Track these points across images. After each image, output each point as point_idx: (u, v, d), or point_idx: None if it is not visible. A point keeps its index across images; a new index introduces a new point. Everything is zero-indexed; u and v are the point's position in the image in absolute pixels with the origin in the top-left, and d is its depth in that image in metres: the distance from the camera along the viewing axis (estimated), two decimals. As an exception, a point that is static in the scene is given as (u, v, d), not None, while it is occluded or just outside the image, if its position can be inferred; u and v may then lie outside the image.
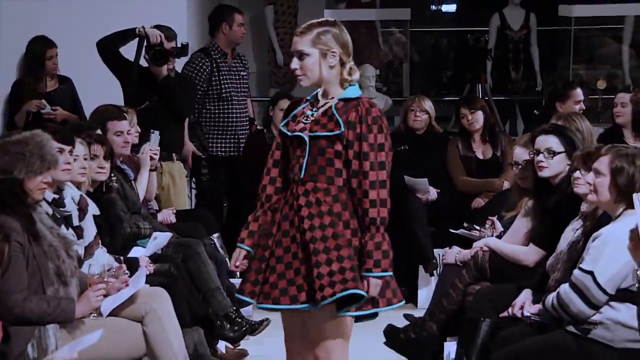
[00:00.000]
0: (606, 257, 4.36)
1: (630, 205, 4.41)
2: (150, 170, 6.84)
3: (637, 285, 3.79)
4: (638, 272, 3.75)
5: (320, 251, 4.13)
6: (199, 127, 8.15)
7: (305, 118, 4.29)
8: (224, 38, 8.29)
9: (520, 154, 5.69)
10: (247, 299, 4.30)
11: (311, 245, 4.15)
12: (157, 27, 7.48)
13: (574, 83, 8.43)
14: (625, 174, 4.42)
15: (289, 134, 4.29)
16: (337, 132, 4.19)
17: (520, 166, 5.69)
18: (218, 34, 8.30)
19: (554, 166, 5.39)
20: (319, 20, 4.34)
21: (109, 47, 7.36)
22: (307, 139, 4.22)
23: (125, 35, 7.37)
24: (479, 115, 7.77)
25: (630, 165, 4.43)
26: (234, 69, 8.42)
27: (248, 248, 4.38)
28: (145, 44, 7.32)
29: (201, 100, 8.12)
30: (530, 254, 5.42)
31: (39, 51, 7.74)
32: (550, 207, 5.29)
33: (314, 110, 4.31)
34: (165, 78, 7.46)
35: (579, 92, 7.81)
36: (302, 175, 4.22)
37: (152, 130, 6.86)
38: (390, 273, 4.23)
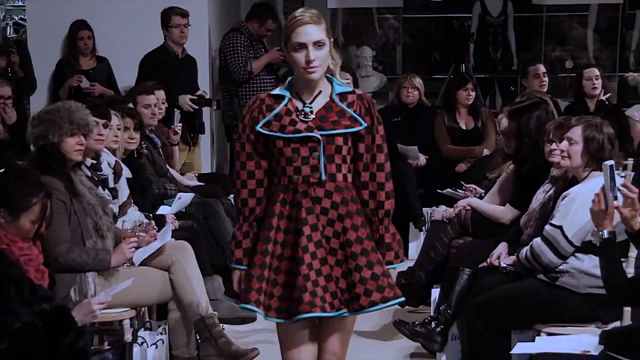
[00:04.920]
0: (573, 213, 4.36)
1: (596, 168, 4.40)
2: (173, 145, 6.84)
3: (597, 242, 3.81)
4: (599, 233, 3.76)
5: (359, 254, 3.51)
6: (237, 99, 8.11)
7: (303, 115, 3.53)
8: (252, 29, 8.24)
9: (505, 123, 5.64)
10: (255, 309, 3.54)
11: (348, 249, 3.52)
12: (171, 8, 7.46)
13: (536, 61, 8.33)
14: (596, 142, 4.42)
15: (291, 135, 3.50)
16: (358, 127, 3.54)
17: (505, 135, 5.65)
18: (249, 23, 8.25)
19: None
20: (309, 8, 3.66)
21: None
22: (320, 137, 3.51)
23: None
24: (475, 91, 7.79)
25: (599, 134, 4.43)
26: (261, 46, 8.41)
27: (246, 267, 3.61)
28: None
29: (243, 69, 8.07)
30: (506, 213, 5.40)
31: (72, 32, 7.74)
32: (525, 172, 5.28)
33: (308, 106, 3.56)
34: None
35: (539, 67, 7.73)
36: (323, 177, 3.51)
37: (175, 110, 6.88)
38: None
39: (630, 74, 7.75)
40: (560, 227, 4.39)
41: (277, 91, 3.60)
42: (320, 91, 3.57)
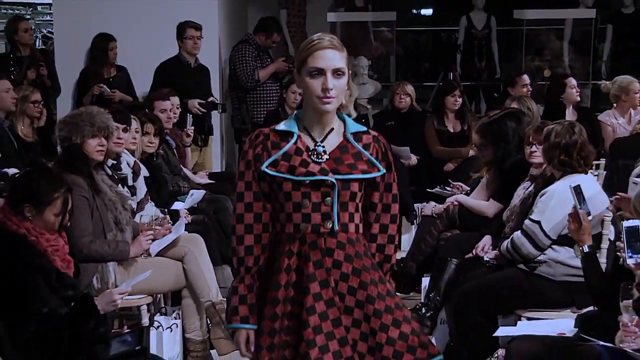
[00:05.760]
0: (550, 209, 4.36)
1: (565, 172, 4.39)
2: (186, 146, 6.84)
3: (579, 256, 3.84)
4: (580, 248, 3.78)
5: (383, 312, 2.83)
6: (245, 105, 8.10)
7: (316, 156, 2.84)
8: (259, 41, 8.23)
9: (476, 138, 5.63)
10: None
11: (369, 306, 2.82)
12: (186, 22, 7.46)
13: (521, 71, 8.42)
14: (548, 143, 4.39)
15: (302, 178, 2.80)
16: (376, 174, 2.88)
17: (477, 148, 5.64)
18: (256, 36, 8.25)
19: None
20: (326, 34, 2.96)
21: None
22: (335, 182, 2.82)
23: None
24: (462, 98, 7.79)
25: (556, 137, 4.38)
26: (267, 56, 8.38)
27: (254, 326, 2.87)
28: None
29: (251, 77, 8.04)
30: (490, 208, 5.40)
31: (103, 44, 7.73)
32: (506, 170, 5.27)
33: (320, 145, 2.87)
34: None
35: (524, 77, 7.82)
36: (336, 227, 2.82)
37: (187, 114, 6.88)
38: None
39: (603, 82, 7.73)
40: (538, 222, 4.39)
41: (282, 126, 2.89)
42: (332, 128, 2.88)
